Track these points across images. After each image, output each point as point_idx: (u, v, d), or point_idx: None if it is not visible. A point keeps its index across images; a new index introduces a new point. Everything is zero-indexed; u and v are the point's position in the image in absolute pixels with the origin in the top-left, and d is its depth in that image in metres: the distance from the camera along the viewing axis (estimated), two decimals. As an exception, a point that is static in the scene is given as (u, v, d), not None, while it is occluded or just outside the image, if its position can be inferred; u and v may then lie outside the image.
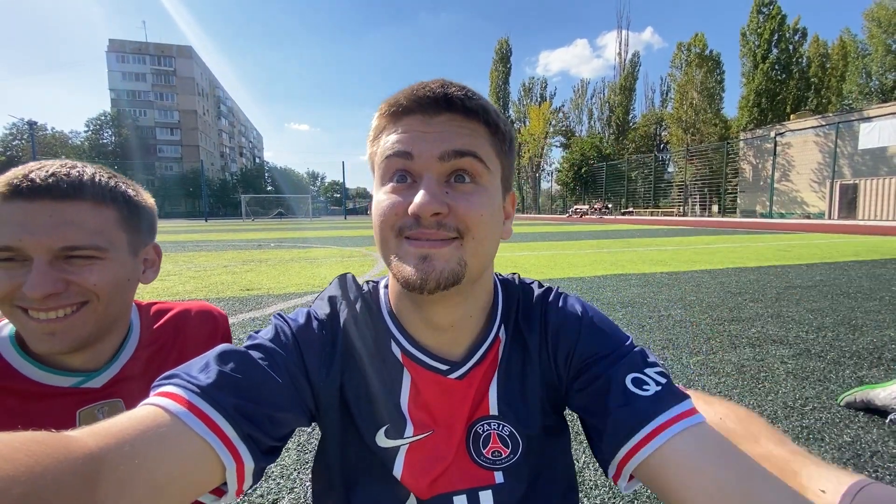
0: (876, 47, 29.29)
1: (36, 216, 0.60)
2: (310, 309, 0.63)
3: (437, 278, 0.51)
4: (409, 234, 0.52)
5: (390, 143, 0.54)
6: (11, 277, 0.60)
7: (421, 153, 0.52)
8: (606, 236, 12.30)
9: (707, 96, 36.23)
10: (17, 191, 0.60)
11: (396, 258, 0.53)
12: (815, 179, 27.09)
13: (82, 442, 0.37)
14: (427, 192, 0.51)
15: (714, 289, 4.26)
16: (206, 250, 8.99)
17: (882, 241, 9.16)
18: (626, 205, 39.96)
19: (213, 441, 0.45)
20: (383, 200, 0.54)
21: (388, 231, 0.53)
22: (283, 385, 0.53)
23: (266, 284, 4.84)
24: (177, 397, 0.45)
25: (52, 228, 0.60)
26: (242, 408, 0.48)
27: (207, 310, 0.85)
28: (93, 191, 0.65)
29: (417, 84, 0.55)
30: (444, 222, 0.52)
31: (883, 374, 2.11)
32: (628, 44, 51.07)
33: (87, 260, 0.64)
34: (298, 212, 52.16)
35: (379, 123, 0.57)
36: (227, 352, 0.52)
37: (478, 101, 0.54)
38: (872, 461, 1.42)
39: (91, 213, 0.64)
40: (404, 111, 0.54)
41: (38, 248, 0.60)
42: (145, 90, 74.97)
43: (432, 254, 0.52)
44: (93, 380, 0.70)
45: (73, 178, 0.63)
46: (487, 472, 0.60)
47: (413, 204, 0.51)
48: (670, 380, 0.56)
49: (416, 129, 0.53)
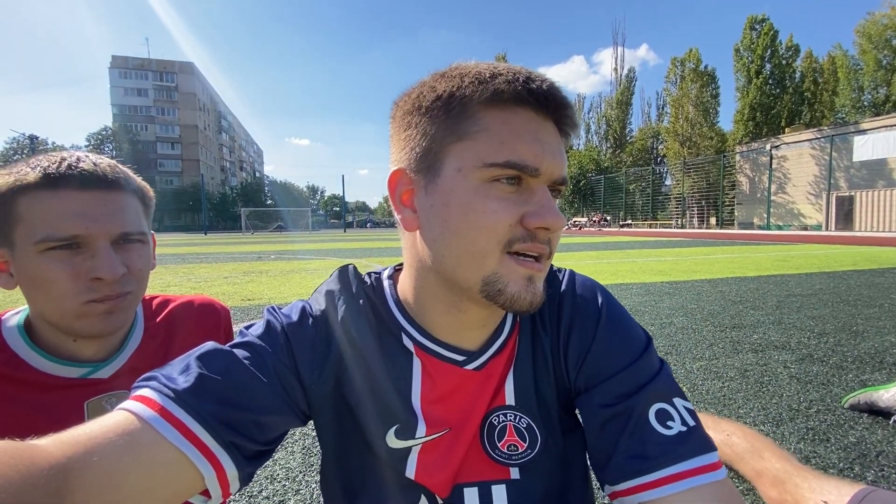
0: (867, 62, 29.76)
1: (94, 205, 0.64)
2: (305, 303, 0.59)
3: (541, 300, 0.49)
4: (518, 248, 0.47)
5: (508, 142, 0.46)
6: (74, 265, 0.63)
7: (545, 170, 0.47)
8: (606, 247, 12.33)
9: (702, 110, 36.68)
10: (70, 179, 0.62)
11: (496, 276, 0.48)
12: (811, 192, 27.28)
13: (47, 452, 0.36)
14: (555, 208, 0.47)
15: (714, 297, 4.27)
16: (207, 262, 8.99)
17: (879, 252, 9.20)
18: (624, 217, 40.09)
19: (188, 449, 0.42)
20: (488, 205, 0.47)
21: (493, 244, 0.47)
22: (269, 386, 0.50)
23: (267, 294, 4.84)
24: (150, 402, 0.43)
25: (110, 216, 0.65)
26: (222, 413, 0.45)
27: (209, 303, 0.86)
28: (128, 182, 0.69)
29: (518, 68, 0.49)
30: (548, 239, 0.49)
31: (885, 378, 2.12)
32: (624, 60, 51.80)
33: (135, 244, 0.68)
34: (298, 225, 52.23)
35: (472, 100, 0.47)
36: (209, 352, 0.49)
37: (573, 116, 0.51)
38: (878, 461, 1.42)
39: (131, 203, 0.69)
40: (516, 98, 0.47)
41: (102, 235, 0.64)
42: (147, 105, 75.55)
43: (536, 276, 0.49)
44: (101, 370, 0.71)
45: (114, 169, 0.68)
46: (503, 468, 0.57)
47: (542, 217, 0.47)
48: (699, 422, 0.51)
49: (535, 134, 0.47)
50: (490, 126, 0.47)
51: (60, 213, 0.61)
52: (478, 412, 0.57)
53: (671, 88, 39.46)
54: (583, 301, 0.59)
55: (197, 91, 77.38)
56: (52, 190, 0.61)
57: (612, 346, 0.56)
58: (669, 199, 38.95)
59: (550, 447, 0.58)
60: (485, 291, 0.48)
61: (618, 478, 0.50)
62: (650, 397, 0.52)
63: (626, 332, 0.57)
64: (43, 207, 0.61)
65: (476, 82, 0.47)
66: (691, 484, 0.46)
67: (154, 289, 5.02)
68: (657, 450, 0.48)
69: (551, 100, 0.48)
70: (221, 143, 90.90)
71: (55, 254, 0.61)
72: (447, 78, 0.50)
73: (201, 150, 77.85)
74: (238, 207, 61.68)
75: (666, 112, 43.80)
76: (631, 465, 0.49)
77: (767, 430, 1.65)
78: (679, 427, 0.50)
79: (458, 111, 0.48)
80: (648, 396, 0.52)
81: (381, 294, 0.60)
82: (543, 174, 0.47)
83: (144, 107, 75.54)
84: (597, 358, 0.56)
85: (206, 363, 0.48)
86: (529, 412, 0.58)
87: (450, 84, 0.49)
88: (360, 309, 0.58)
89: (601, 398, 0.54)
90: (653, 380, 0.53)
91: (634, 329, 0.58)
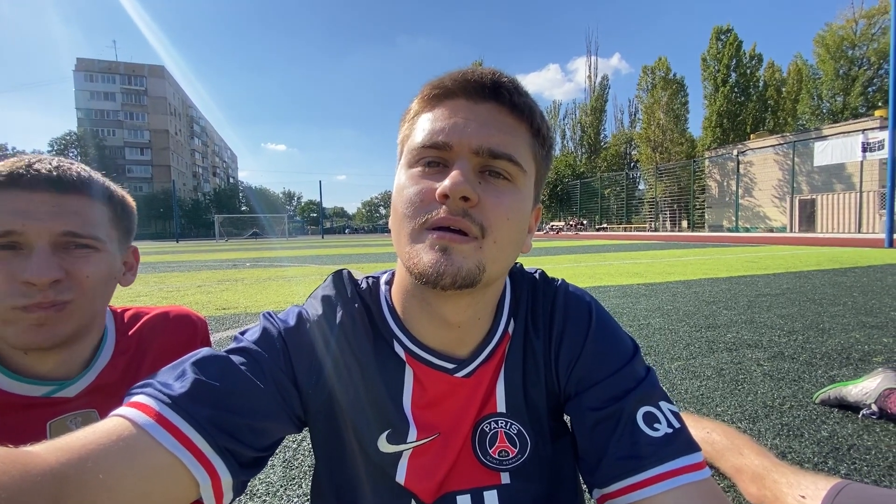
0: (825, 72, 31.25)
1: (38, 205, 0.60)
2: (301, 308, 0.59)
3: (454, 274, 0.47)
4: (432, 222, 0.48)
5: (427, 128, 0.50)
6: (10, 265, 0.58)
7: (458, 143, 0.48)
8: (583, 251, 12.52)
9: (673, 117, 37.85)
10: (19, 179, 0.59)
11: (411, 247, 0.49)
12: (775, 195, 28.42)
13: (41, 458, 0.35)
14: (459, 175, 0.47)
15: (689, 298, 4.38)
16: (179, 271, 8.72)
17: (840, 252, 9.63)
18: (600, 221, 40.90)
19: (184, 455, 0.42)
20: (408, 185, 0.50)
21: (411, 219, 0.49)
22: (266, 392, 0.49)
23: (242, 303, 4.72)
24: (146, 408, 0.43)
25: (54, 216, 0.61)
26: (219, 419, 0.45)
27: (185, 314, 0.82)
28: (92, 187, 0.66)
29: (467, 68, 0.52)
30: (470, 212, 0.48)
31: (852, 373, 2.20)
32: (597, 68, 53.12)
33: (84, 250, 0.64)
34: (274, 232, 51.34)
35: (418, 106, 0.53)
36: (205, 357, 0.49)
37: (527, 99, 0.51)
38: (850, 454, 1.47)
39: (90, 207, 0.65)
40: (447, 94, 0.50)
41: (40, 234, 0.60)
42: (115, 110, 73.26)
43: (452, 247, 0.47)
44: (66, 389, 0.66)
45: (75, 173, 0.65)
46: (493, 473, 0.57)
47: (443, 184, 0.47)
48: (684, 424, 0.53)
49: (458, 114, 0.50)
50: (420, 121, 0.52)
51: (2, 211, 0.58)
52: (468, 418, 0.58)
53: (643, 95, 40.65)
54: (574, 310, 0.61)
55: (168, 95, 75.46)
56: (6, 188, 0.59)
57: (602, 352, 0.58)
58: (643, 203, 39.94)
59: (540, 452, 0.59)
60: (407, 266, 0.50)
61: (608, 479, 0.51)
62: (637, 401, 0.53)
63: (614, 340, 0.59)
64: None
65: (421, 94, 0.53)
66: (678, 482, 0.48)
67: (122, 299, 4.84)
68: (646, 450, 0.50)
69: (483, 84, 0.50)
70: (194, 148, 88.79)
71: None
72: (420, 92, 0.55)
73: (172, 155, 75.81)
74: (211, 214, 60.26)
75: (638, 118, 44.95)
76: (621, 465, 0.50)
77: (744, 426, 1.69)
78: (665, 429, 0.52)
79: (411, 116, 0.54)
80: (636, 400, 0.53)
81: (377, 300, 0.61)
82: (456, 146, 0.49)
83: (112, 111, 73.22)
84: (587, 364, 0.57)
85: (201, 369, 0.47)
86: (519, 418, 0.59)
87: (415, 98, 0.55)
88: (355, 315, 0.58)
89: (590, 402, 0.55)
90: (640, 384, 0.55)
91: (622, 337, 0.60)
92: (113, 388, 0.70)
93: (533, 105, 0.52)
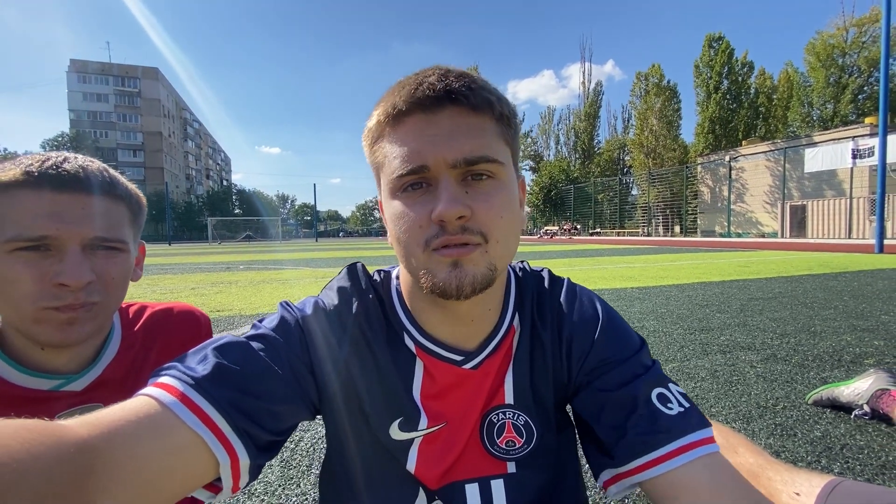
0: (816, 79, 31.70)
1: (70, 207, 0.61)
2: (318, 298, 0.61)
3: (472, 283, 0.50)
4: (436, 244, 0.50)
5: (398, 155, 0.51)
6: (41, 267, 0.59)
7: (434, 162, 0.49)
8: (577, 255, 12.58)
9: (666, 123, 38.19)
10: (46, 180, 0.59)
11: (424, 269, 0.51)
12: (767, 201, 28.71)
13: (74, 431, 0.37)
14: (448, 197, 0.48)
15: (683, 301, 4.41)
16: (172, 273, 8.66)
17: (831, 257, 9.74)
18: (593, 226, 41.11)
19: (205, 434, 0.44)
20: (402, 213, 0.51)
21: (416, 246, 0.51)
22: (283, 377, 0.51)
23: (237, 306, 4.70)
24: (170, 388, 0.45)
25: (84, 219, 0.62)
26: (238, 401, 0.47)
27: (189, 310, 0.83)
28: (114, 187, 0.67)
29: (412, 79, 0.52)
30: (468, 225, 0.49)
31: (844, 374, 2.23)
32: (591, 74, 53.40)
33: (110, 251, 0.65)
34: (268, 235, 51.11)
35: (377, 128, 0.54)
36: (226, 343, 0.51)
37: (482, 93, 0.51)
38: (843, 453, 1.49)
39: (114, 208, 0.66)
40: (402, 114, 0.51)
41: (73, 238, 0.60)
42: (107, 111, 72.82)
43: (462, 260, 0.50)
44: (73, 383, 0.67)
45: (98, 173, 0.65)
46: (500, 462, 0.59)
47: (436, 211, 0.48)
48: (693, 403, 0.56)
49: (422, 132, 0.50)
50: (388, 146, 0.52)
51: (33, 212, 0.58)
52: (475, 409, 0.60)
53: (636, 102, 41.01)
54: (583, 305, 0.64)
55: (161, 97, 75.11)
56: (28, 189, 0.59)
57: (612, 345, 0.61)
58: (636, 209, 40.22)
59: (545, 442, 0.61)
60: (429, 288, 0.52)
61: (629, 456, 0.54)
62: (650, 384, 0.57)
63: (623, 334, 0.62)
64: (17, 206, 0.58)
65: (377, 116, 0.53)
66: (696, 455, 0.51)
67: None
68: (665, 426, 0.53)
69: (430, 95, 0.49)
70: (187, 150, 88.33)
71: (23, 254, 0.58)
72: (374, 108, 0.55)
73: (166, 157, 75.41)
74: (204, 217, 59.85)
75: (631, 124, 45.40)
76: (643, 441, 0.53)
77: (739, 426, 1.71)
78: (678, 408, 0.55)
79: (373, 139, 0.55)
80: (648, 383, 0.57)
81: (389, 293, 0.63)
82: (433, 166, 0.49)
83: (105, 112, 72.78)
84: (598, 353, 0.60)
85: (223, 353, 0.49)
86: (527, 409, 0.61)
87: (371, 115, 0.55)
88: (369, 307, 0.61)
89: (605, 385, 0.58)
90: (649, 370, 0.58)
91: (630, 332, 0.63)
92: (119, 383, 0.70)
93: (490, 93, 0.52)
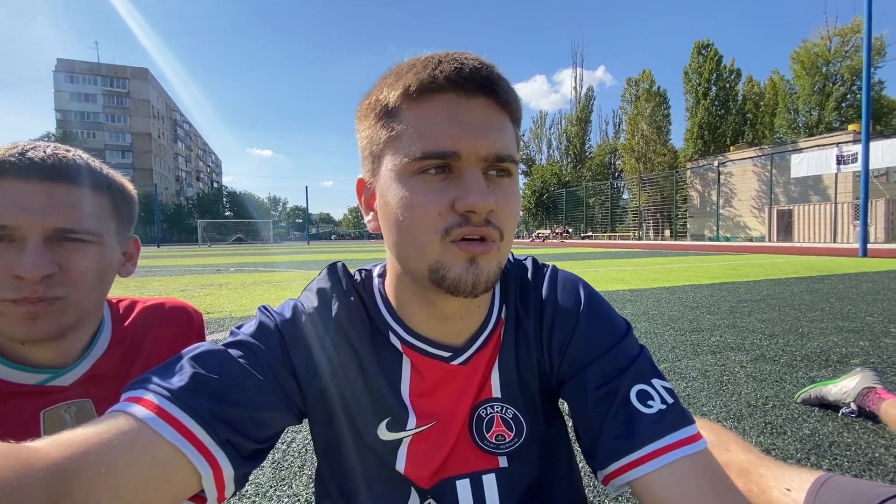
0: (801, 87, 32.28)
1: (32, 196, 0.58)
2: (297, 301, 0.59)
3: (486, 281, 0.48)
4: (457, 235, 0.47)
5: (425, 133, 0.46)
6: (2, 258, 0.57)
7: (467, 151, 0.46)
8: (569, 258, 12.64)
9: (656, 128, 38.62)
10: (11, 167, 0.57)
11: (439, 263, 0.48)
12: (754, 206, 29.13)
13: (44, 453, 0.35)
14: (480, 188, 0.46)
15: (673, 304, 4.45)
16: (161, 275, 8.55)
17: (817, 261, 9.90)
18: (585, 229, 41.37)
19: (185, 447, 0.42)
20: (417, 198, 0.47)
21: (431, 234, 0.47)
22: (265, 383, 0.50)
23: (227, 307, 4.66)
24: (146, 402, 0.43)
25: (48, 209, 0.58)
26: (219, 411, 0.45)
27: (181, 306, 0.81)
28: (90, 176, 0.63)
29: (448, 56, 0.48)
30: (491, 219, 0.47)
31: (831, 374, 2.27)
32: (583, 80, 54.25)
33: (79, 244, 0.61)
34: (259, 237, 50.72)
35: (398, 100, 0.48)
36: (203, 351, 0.49)
37: (511, 92, 0.49)
38: (831, 450, 1.51)
39: (87, 198, 0.63)
40: (437, 88, 0.47)
41: (34, 229, 0.57)
42: (95, 112, 71.84)
43: (479, 257, 0.48)
44: (61, 377, 0.65)
45: (70, 161, 0.62)
46: (491, 457, 0.58)
47: (466, 201, 0.45)
48: (677, 399, 0.54)
49: (454, 116, 0.46)
50: (410, 121, 0.47)
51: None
52: (464, 404, 0.58)
53: (627, 107, 41.47)
54: (565, 292, 0.61)
55: (151, 98, 74.34)
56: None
57: (594, 332, 0.58)
58: (627, 212, 40.53)
59: (535, 435, 0.60)
60: (431, 279, 0.49)
61: (607, 460, 0.52)
62: (630, 380, 0.54)
63: (606, 320, 0.59)
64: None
65: (394, 81, 0.49)
66: (675, 456, 0.49)
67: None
68: (640, 428, 0.51)
69: (471, 78, 0.47)
70: (177, 152, 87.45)
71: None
72: (382, 81, 0.51)
73: (155, 159, 74.55)
74: (194, 219, 59.25)
75: (622, 129, 45.80)
76: (617, 445, 0.51)
77: (730, 425, 1.72)
78: (659, 405, 0.52)
79: (385, 113, 0.49)
80: (628, 379, 0.54)
81: (371, 292, 0.61)
82: (465, 156, 0.46)
83: (92, 113, 71.80)
84: (579, 344, 0.58)
85: (199, 362, 0.47)
86: (515, 403, 0.60)
87: (381, 87, 0.50)
88: (351, 307, 0.58)
89: (585, 383, 0.56)
90: (633, 363, 0.55)
91: (614, 317, 0.60)
92: (108, 378, 0.69)
93: (515, 95, 0.51)
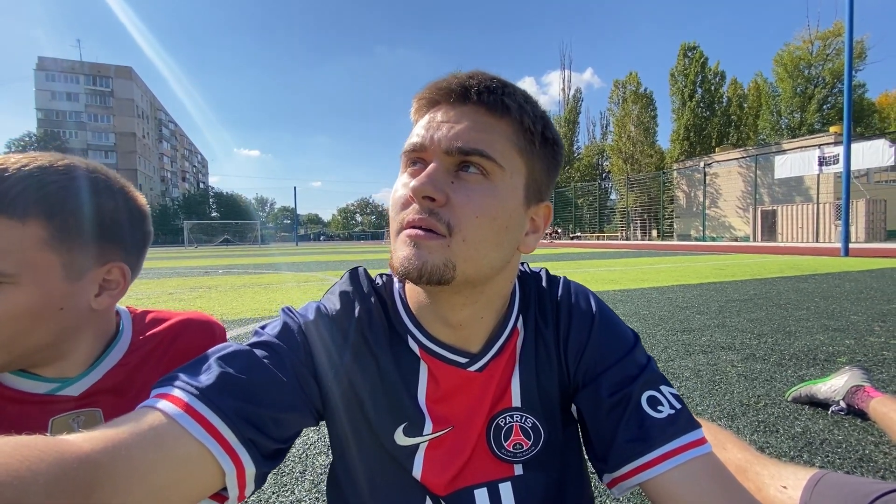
0: (784, 89, 32.94)
1: None
2: (319, 304, 0.60)
3: (420, 269, 0.48)
4: (406, 222, 0.50)
5: (411, 134, 0.54)
6: None
7: (431, 143, 0.50)
8: (559, 259, 12.73)
9: (643, 130, 39.05)
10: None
11: (393, 245, 0.52)
12: (739, 206, 29.59)
13: (76, 446, 0.36)
14: (425, 175, 0.49)
15: (663, 304, 4.51)
16: (148, 278, 8.41)
17: (801, 260, 10.11)
18: (573, 230, 41.68)
19: (211, 445, 0.43)
20: (397, 189, 0.54)
21: (393, 220, 0.52)
22: (288, 384, 0.51)
23: (218, 311, 4.60)
24: (175, 399, 0.44)
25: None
26: (244, 410, 0.46)
27: (206, 321, 0.80)
28: (10, 203, 0.53)
29: (449, 75, 0.54)
30: (437, 211, 0.48)
31: (819, 372, 2.32)
32: (571, 82, 54.53)
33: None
34: (246, 238, 50.19)
35: (412, 118, 0.56)
36: (230, 352, 0.50)
37: (503, 98, 0.51)
38: (823, 448, 1.55)
39: (9, 230, 0.53)
40: (430, 103, 0.53)
41: None
42: (77, 111, 70.53)
43: (420, 243, 0.48)
44: (70, 387, 0.64)
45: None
46: (507, 465, 0.59)
47: (408, 187, 0.50)
48: (684, 404, 0.57)
49: (437, 118, 0.52)
50: (411, 133, 0.54)
51: None
52: (481, 412, 0.59)
53: (614, 109, 41.83)
54: (578, 303, 0.64)
55: (135, 97, 73.18)
56: None
57: (606, 342, 0.61)
58: (615, 213, 40.96)
59: (552, 442, 0.61)
60: (390, 265, 0.52)
61: (619, 462, 0.54)
62: (641, 386, 0.57)
63: (616, 331, 0.62)
64: None
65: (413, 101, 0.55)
66: (687, 458, 0.52)
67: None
68: (653, 432, 0.53)
69: (455, 89, 0.51)
70: (162, 152, 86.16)
71: None
72: None
73: (139, 159, 73.36)
74: (180, 220, 58.44)
75: (610, 131, 46.13)
76: (631, 448, 0.53)
77: (724, 423, 1.76)
78: (668, 410, 0.55)
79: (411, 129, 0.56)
80: (640, 386, 0.57)
81: (391, 296, 0.62)
82: (430, 149, 0.50)
83: (74, 112, 70.48)
84: (593, 353, 0.60)
85: (227, 362, 0.48)
86: (534, 411, 0.61)
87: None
88: (372, 310, 0.60)
89: (600, 390, 0.58)
90: (643, 371, 0.58)
91: (623, 328, 0.63)
92: (119, 389, 0.68)
93: (512, 100, 0.51)
